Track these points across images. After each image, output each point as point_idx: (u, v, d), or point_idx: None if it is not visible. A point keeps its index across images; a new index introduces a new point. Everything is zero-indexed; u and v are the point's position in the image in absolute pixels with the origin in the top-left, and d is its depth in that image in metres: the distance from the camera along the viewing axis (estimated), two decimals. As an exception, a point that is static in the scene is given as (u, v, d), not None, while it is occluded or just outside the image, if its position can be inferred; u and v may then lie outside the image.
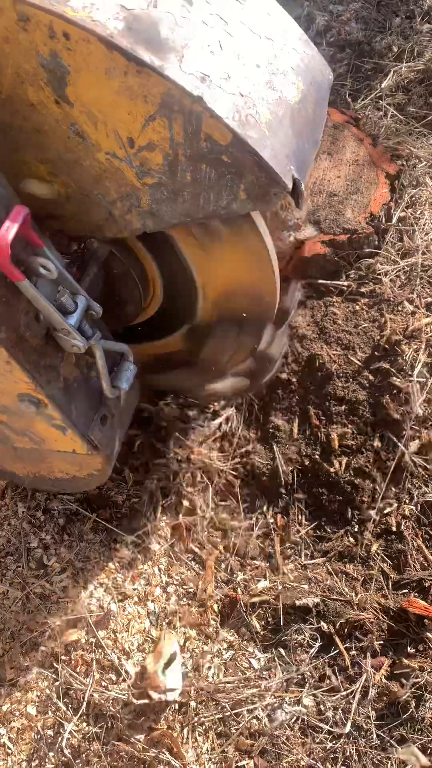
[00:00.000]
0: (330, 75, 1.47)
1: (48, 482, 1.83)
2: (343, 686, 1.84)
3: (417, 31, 3.15)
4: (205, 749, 1.69)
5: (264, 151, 1.22)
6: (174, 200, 1.34)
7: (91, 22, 1.12)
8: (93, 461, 1.60)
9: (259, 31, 1.32)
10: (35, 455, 1.68)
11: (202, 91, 1.16)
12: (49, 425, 1.48)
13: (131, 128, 1.24)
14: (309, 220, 2.34)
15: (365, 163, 2.49)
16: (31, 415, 1.45)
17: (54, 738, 1.64)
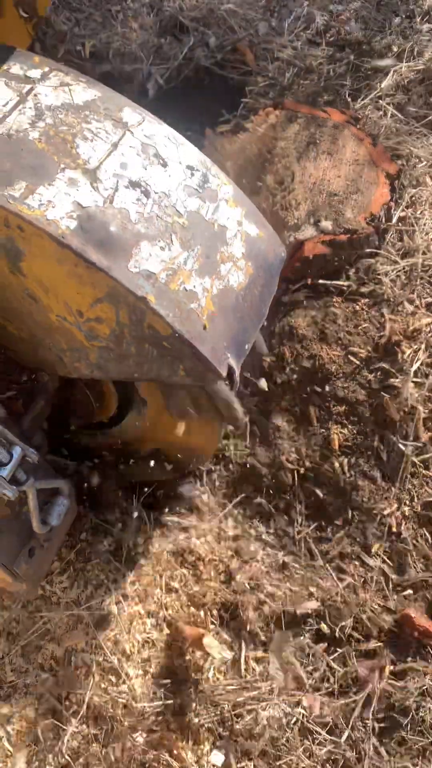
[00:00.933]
0: (283, 253, 1.54)
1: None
2: (343, 688, 1.83)
3: (417, 31, 3.14)
4: (205, 751, 1.69)
5: (202, 345, 1.29)
6: (120, 362, 1.41)
7: (45, 221, 1.20)
8: (18, 587, 1.58)
9: (216, 219, 1.40)
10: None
11: (146, 290, 1.24)
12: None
13: (80, 304, 1.32)
14: (309, 221, 2.33)
15: (365, 162, 2.48)
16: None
17: (53, 741, 1.64)
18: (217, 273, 1.35)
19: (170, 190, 1.35)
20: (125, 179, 1.30)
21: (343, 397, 2.18)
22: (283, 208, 2.35)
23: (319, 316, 2.30)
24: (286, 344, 2.30)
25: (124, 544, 1.92)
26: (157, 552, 1.93)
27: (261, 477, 2.13)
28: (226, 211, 1.42)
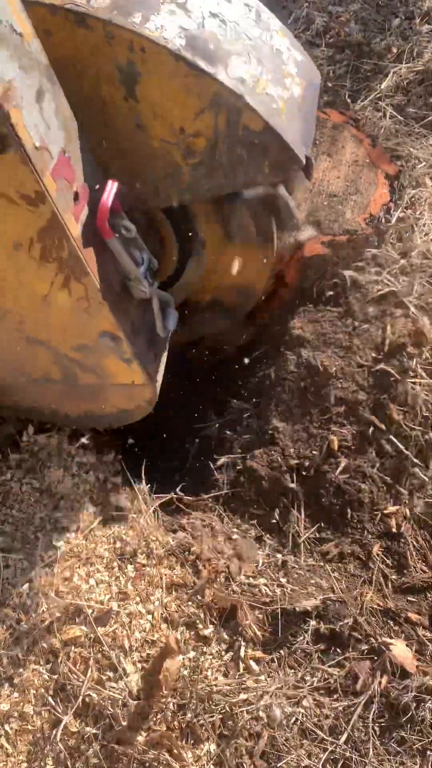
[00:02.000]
0: (318, 77, 1.90)
1: (96, 419, 2.07)
2: (342, 688, 1.83)
3: (416, 32, 3.15)
4: (205, 751, 1.69)
5: (286, 135, 1.63)
6: (210, 176, 1.71)
7: (164, 40, 1.50)
8: (145, 392, 1.92)
9: (273, 44, 1.75)
10: (94, 391, 1.95)
11: (243, 91, 1.57)
12: (119, 359, 1.78)
13: (184, 119, 1.61)
14: (308, 221, 2.34)
15: (365, 163, 2.49)
16: (106, 351, 1.75)
17: (52, 738, 1.64)
18: (283, 84, 1.69)
19: (238, 20, 1.68)
20: (207, 10, 1.63)
21: (343, 399, 2.18)
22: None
23: (318, 317, 2.30)
24: (286, 344, 2.30)
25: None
26: (158, 552, 1.93)
27: (261, 477, 2.13)
28: (278, 39, 1.77)
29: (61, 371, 1.86)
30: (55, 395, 1.99)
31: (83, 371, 1.85)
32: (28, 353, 1.82)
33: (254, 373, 2.41)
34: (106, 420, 2.07)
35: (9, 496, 2.02)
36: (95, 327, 1.68)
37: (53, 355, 1.81)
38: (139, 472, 2.12)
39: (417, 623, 1.95)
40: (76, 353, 1.79)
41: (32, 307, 1.67)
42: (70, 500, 2.01)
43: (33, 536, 1.89)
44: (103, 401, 1.98)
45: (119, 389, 1.90)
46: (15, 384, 1.97)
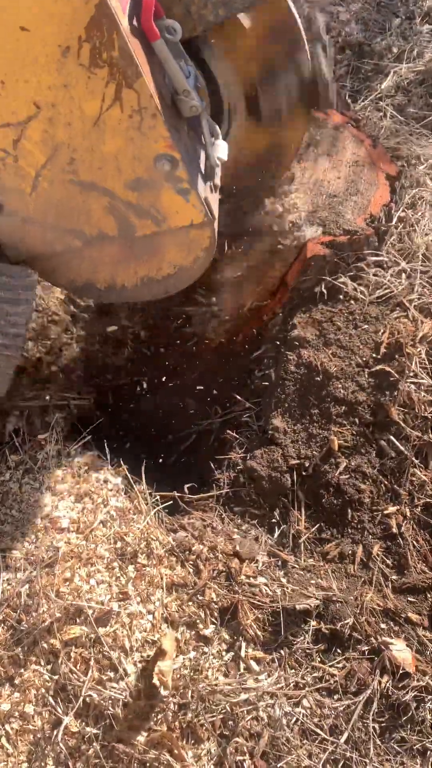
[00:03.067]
0: None
1: (155, 286, 1.96)
2: (342, 688, 1.84)
3: (417, 32, 3.15)
4: (206, 750, 1.69)
5: None
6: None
7: None
8: (203, 236, 1.79)
9: None
10: (150, 248, 1.85)
11: None
12: (175, 191, 1.67)
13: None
14: (310, 221, 2.34)
15: (365, 164, 2.49)
16: (161, 182, 1.65)
17: (53, 738, 1.64)
18: None
19: None
20: None
21: (343, 399, 2.18)
22: (284, 210, 2.36)
23: (318, 317, 2.30)
24: (286, 344, 2.30)
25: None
26: (159, 552, 1.93)
27: (261, 477, 2.13)
28: None
29: (116, 223, 1.78)
30: (111, 260, 1.90)
31: (140, 218, 1.76)
32: (82, 204, 1.74)
33: (254, 373, 2.41)
34: (164, 285, 1.96)
35: (8, 497, 2.02)
36: (150, 150, 1.60)
37: (108, 202, 1.72)
38: (140, 472, 2.12)
39: (417, 623, 1.96)
40: (132, 193, 1.70)
41: (84, 136, 1.59)
42: (70, 500, 2.01)
43: (33, 536, 1.89)
44: (160, 260, 1.89)
45: (177, 237, 1.81)
46: (69, 252, 1.88)
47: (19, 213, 1.79)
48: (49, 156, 1.64)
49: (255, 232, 2.41)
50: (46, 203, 1.76)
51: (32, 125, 1.58)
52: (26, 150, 1.64)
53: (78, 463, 2.11)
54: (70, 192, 1.72)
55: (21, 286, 1.86)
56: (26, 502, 1.98)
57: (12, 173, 1.69)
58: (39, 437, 2.15)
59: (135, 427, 2.51)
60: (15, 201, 1.76)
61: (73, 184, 1.70)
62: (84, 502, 2.00)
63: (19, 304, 1.86)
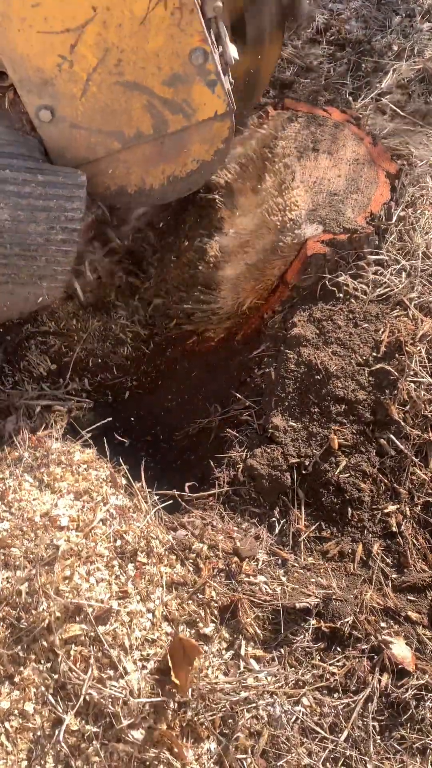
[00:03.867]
0: None
1: (179, 184, 2.26)
2: (342, 686, 1.84)
3: (417, 30, 3.15)
4: (205, 749, 1.69)
5: None
6: None
7: None
8: (223, 127, 2.10)
9: None
10: (179, 143, 2.14)
11: None
12: (204, 83, 1.97)
13: None
14: (310, 219, 2.33)
15: (365, 162, 2.48)
16: (194, 75, 1.95)
17: (52, 736, 1.64)
18: None
19: None
20: None
21: (343, 397, 2.18)
22: (285, 208, 2.35)
23: (318, 315, 2.30)
24: (286, 343, 2.30)
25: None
26: (159, 550, 1.93)
27: (261, 476, 2.13)
28: None
29: (152, 120, 2.04)
30: (143, 161, 2.16)
31: (173, 113, 2.03)
32: (124, 105, 2.00)
33: (254, 372, 2.41)
34: (188, 182, 2.25)
35: (8, 494, 2.01)
36: (187, 45, 1.88)
37: (147, 100, 1.98)
38: (139, 470, 2.11)
39: (417, 622, 1.96)
40: (168, 89, 1.98)
41: (131, 36, 1.84)
42: (69, 498, 2.00)
43: (32, 534, 1.88)
44: (186, 156, 2.17)
45: (201, 131, 2.09)
46: (109, 155, 2.13)
47: (69, 118, 2.03)
48: (100, 58, 1.89)
49: (255, 229, 2.41)
50: (93, 107, 2.01)
51: (88, 29, 1.83)
52: (81, 54, 1.89)
53: (77, 461, 2.10)
54: (115, 93, 1.98)
55: (74, 184, 2.09)
56: (26, 500, 1.98)
57: (66, 79, 1.94)
58: (38, 435, 2.14)
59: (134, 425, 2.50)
60: (66, 106, 2.01)
61: (118, 86, 1.96)
62: (83, 500, 2.00)
63: (73, 200, 2.09)
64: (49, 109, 2.00)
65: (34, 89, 1.97)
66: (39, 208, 2.05)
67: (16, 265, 2.13)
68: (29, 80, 1.96)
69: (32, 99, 1.99)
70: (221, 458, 2.23)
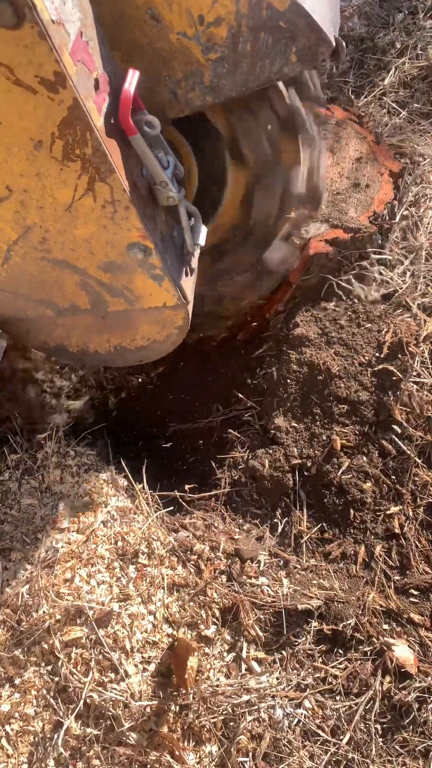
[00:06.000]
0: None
1: (127, 354, 1.99)
2: (344, 689, 1.83)
3: (420, 27, 3.12)
4: (207, 752, 1.68)
5: (315, 15, 1.56)
6: (233, 72, 1.67)
7: None
8: (176, 316, 1.81)
9: None
10: (123, 322, 1.86)
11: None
12: (148, 276, 1.68)
13: (202, 5, 1.55)
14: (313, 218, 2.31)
15: (368, 161, 2.47)
16: (134, 267, 1.66)
17: (53, 739, 1.63)
18: None
19: None
20: None
21: (346, 398, 2.16)
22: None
23: (321, 315, 2.29)
24: (288, 343, 2.29)
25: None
26: (160, 552, 1.91)
27: (263, 477, 2.12)
28: None
29: (89, 298, 1.78)
30: (84, 329, 1.92)
31: (112, 296, 1.77)
32: (54, 279, 1.74)
33: (256, 372, 2.40)
34: (137, 355, 2.00)
35: (8, 496, 2.00)
36: (123, 239, 1.60)
37: (80, 279, 1.72)
38: (140, 471, 2.10)
39: (419, 624, 1.94)
40: (104, 274, 1.71)
41: (56, 220, 1.58)
42: (70, 500, 1.99)
43: (33, 536, 1.87)
44: (134, 332, 1.91)
45: (150, 315, 1.82)
46: (42, 319, 1.89)
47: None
48: (21, 234, 1.62)
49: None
50: (18, 275, 1.74)
51: (3, 205, 1.55)
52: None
53: (78, 463, 2.09)
54: (42, 267, 1.70)
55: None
56: (26, 502, 1.97)
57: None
58: (38, 436, 2.13)
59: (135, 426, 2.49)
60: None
61: (45, 261, 1.68)
62: (84, 502, 1.99)
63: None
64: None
65: None
66: None
67: None
68: None
69: None
70: (223, 459, 2.22)
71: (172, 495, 2.11)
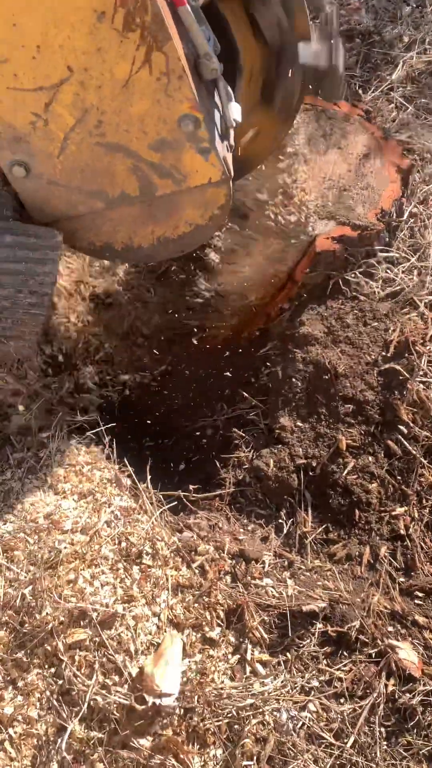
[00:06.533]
0: None
1: (170, 245, 2.06)
2: (349, 691, 1.81)
3: (428, 21, 3.09)
4: (212, 755, 1.67)
5: None
6: None
7: None
8: (219, 194, 1.89)
9: None
10: (168, 207, 1.95)
11: None
12: (196, 151, 1.77)
13: None
14: (320, 215, 2.29)
15: (376, 157, 2.43)
16: (184, 141, 1.75)
17: (57, 743, 1.61)
18: None
19: None
20: None
21: (352, 397, 2.14)
22: (295, 204, 2.31)
23: (327, 314, 2.26)
24: (294, 342, 2.26)
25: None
26: (164, 552, 1.90)
27: (268, 477, 2.10)
28: None
29: (138, 183, 1.87)
30: (130, 221, 1.99)
31: (161, 177, 1.86)
32: (107, 166, 1.83)
33: (261, 371, 2.37)
34: (179, 245, 2.07)
35: (10, 495, 1.97)
36: (175, 112, 1.69)
37: (132, 163, 1.81)
38: (144, 471, 2.08)
39: (424, 626, 1.93)
40: (155, 154, 1.80)
41: (113, 99, 1.67)
42: (73, 500, 1.97)
43: (36, 537, 1.85)
44: (177, 219, 1.98)
45: (194, 196, 1.90)
46: (92, 214, 1.97)
47: (46, 175, 1.86)
48: (79, 118, 1.72)
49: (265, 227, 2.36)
50: (72, 166, 1.84)
51: (64, 88, 1.66)
52: (56, 113, 1.72)
53: (81, 462, 2.07)
54: (96, 154, 1.80)
55: (48, 246, 1.95)
56: (28, 501, 1.94)
57: (41, 136, 1.77)
58: (41, 435, 2.11)
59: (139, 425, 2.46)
60: (42, 164, 1.84)
61: (99, 147, 1.78)
62: (87, 502, 1.96)
63: (45, 263, 1.94)
64: (23, 165, 1.85)
65: (6, 145, 1.81)
66: (5, 271, 1.91)
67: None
68: (0, 135, 1.79)
69: (4, 154, 1.84)
70: (227, 459, 2.20)
71: (176, 495, 2.08)
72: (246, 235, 2.42)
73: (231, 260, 2.46)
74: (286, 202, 2.30)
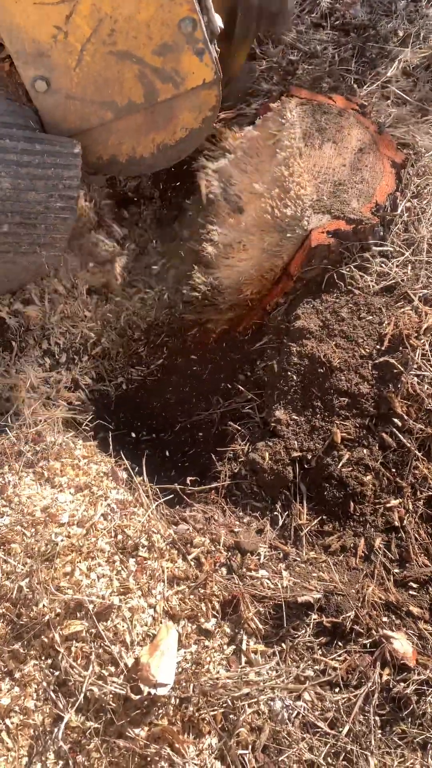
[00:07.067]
0: None
1: (168, 152, 2.39)
2: (343, 681, 1.83)
3: (423, 15, 3.08)
4: (207, 744, 1.68)
5: None
6: None
7: None
8: (211, 95, 2.23)
9: None
10: (167, 113, 2.27)
11: None
12: (193, 52, 2.10)
13: None
14: (315, 209, 2.29)
15: (371, 151, 2.44)
16: (183, 44, 2.07)
17: (53, 733, 1.63)
18: None
19: None
20: None
21: (346, 390, 2.15)
22: (290, 198, 2.31)
23: (321, 307, 2.27)
24: (289, 335, 2.27)
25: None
26: (160, 545, 1.91)
27: (263, 470, 2.11)
28: None
29: (143, 90, 2.16)
30: (134, 131, 2.29)
31: (163, 81, 2.15)
32: (116, 74, 2.12)
33: (256, 364, 2.38)
34: (176, 150, 2.37)
35: (7, 488, 1.98)
36: (176, 15, 2.00)
37: (138, 70, 2.10)
38: (141, 464, 2.09)
39: (418, 617, 1.95)
40: (158, 59, 2.10)
41: (124, 5, 1.96)
42: (69, 493, 1.98)
43: (32, 529, 1.86)
44: (175, 125, 2.29)
45: (190, 99, 2.21)
46: (102, 125, 2.25)
47: (64, 89, 2.14)
48: (94, 28, 2.00)
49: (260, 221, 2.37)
50: (87, 77, 2.12)
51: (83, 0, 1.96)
52: (75, 24, 2.00)
53: (78, 455, 2.08)
54: (108, 63, 2.09)
55: (70, 153, 2.17)
56: (25, 495, 1.95)
57: (61, 49, 2.05)
58: (38, 428, 2.12)
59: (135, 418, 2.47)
60: (61, 77, 2.11)
61: (111, 56, 2.07)
62: (84, 495, 1.97)
63: (70, 169, 2.17)
64: (45, 79, 2.09)
65: (30, 60, 2.05)
66: (38, 176, 2.10)
67: (17, 234, 2.16)
68: (25, 51, 2.04)
69: (28, 70, 2.08)
70: (223, 452, 2.21)
71: (171, 488, 2.10)
72: (242, 229, 2.43)
73: (227, 254, 2.47)
74: (282, 195, 2.30)
